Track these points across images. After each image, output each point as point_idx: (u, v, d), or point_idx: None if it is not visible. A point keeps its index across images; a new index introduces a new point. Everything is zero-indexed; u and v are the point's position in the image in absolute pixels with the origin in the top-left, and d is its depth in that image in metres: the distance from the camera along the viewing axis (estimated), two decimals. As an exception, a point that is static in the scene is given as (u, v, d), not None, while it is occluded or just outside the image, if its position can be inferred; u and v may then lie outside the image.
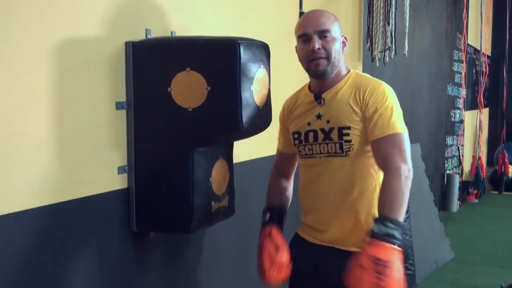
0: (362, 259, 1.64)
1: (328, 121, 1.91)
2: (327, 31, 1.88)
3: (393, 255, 1.64)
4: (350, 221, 1.90)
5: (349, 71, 1.98)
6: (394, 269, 1.61)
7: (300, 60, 1.95)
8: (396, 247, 1.65)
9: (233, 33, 2.03)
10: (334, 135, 1.90)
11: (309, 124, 1.96)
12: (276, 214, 2.05)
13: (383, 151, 1.81)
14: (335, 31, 1.91)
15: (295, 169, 2.18)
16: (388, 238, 1.65)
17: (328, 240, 1.94)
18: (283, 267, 1.93)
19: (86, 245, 1.73)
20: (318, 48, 1.86)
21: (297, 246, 2.03)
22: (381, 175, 1.86)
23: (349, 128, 1.88)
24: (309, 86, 2.02)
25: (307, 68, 1.92)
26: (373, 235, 1.67)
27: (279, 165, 2.18)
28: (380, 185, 1.83)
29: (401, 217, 1.71)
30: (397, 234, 1.66)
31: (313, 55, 1.87)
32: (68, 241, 1.66)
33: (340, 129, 1.89)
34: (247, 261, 2.64)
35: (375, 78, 1.97)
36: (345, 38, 1.96)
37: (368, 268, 1.62)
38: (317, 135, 1.94)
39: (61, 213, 1.62)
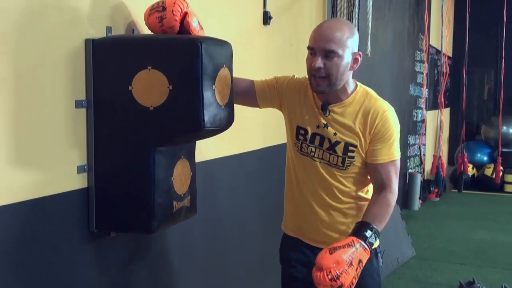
0: (355, 257, 1.76)
1: (335, 134, 2.00)
2: (333, 52, 1.88)
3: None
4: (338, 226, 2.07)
5: (356, 86, 2.03)
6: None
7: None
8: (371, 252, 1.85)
9: (195, 32, 2.01)
10: (340, 149, 2.00)
11: (318, 127, 2.02)
12: None
13: (385, 174, 2.00)
14: (346, 49, 1.91)
15: (240, 95, 2.08)
16: (371, 247, 1.83)
17: (321, 241, 2.05)
18: None
19: (44, 247, 1.69)
20: (319, 67, 1.88)
21: (289, 246, 2.18)
22: (368, 188, 2.09)
23: (355, 146, 1.99)
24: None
25: (309, 80, 1.96)
26: (364, 238, 1.82)
27: (243, 85, 2.12)
28: (369, 195, 2.07)
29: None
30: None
31: (314, 71, 1.91)
32: (25, 242, 1.62)
33: (347, 145, 1.99)
34: (210, 260, 2.64)
35: (380, 99, 2.03)
36: (359, 55, 1.96)
37: (355, 266, 1.76)
38: (323, 142, 2.02)
39: (18, 214, 1.58)
